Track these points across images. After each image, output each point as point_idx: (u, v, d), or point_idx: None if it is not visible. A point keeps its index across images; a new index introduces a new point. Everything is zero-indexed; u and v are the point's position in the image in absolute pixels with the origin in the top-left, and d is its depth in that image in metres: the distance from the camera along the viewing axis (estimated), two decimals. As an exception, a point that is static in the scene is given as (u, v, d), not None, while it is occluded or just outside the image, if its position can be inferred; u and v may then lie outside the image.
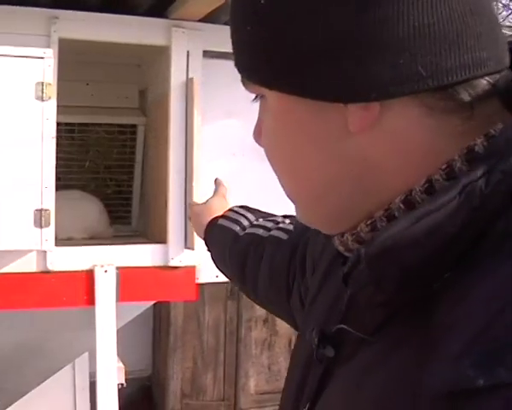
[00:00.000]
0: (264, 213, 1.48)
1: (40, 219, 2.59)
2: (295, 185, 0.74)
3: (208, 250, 1.53)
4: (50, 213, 2.62)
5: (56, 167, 2.75)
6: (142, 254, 3.00)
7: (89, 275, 2.86)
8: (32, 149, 2.58)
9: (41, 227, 2.59)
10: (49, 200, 2.62)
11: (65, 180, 3.58)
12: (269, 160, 0.76)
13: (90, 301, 2.83)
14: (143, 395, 5.13)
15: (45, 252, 2.77)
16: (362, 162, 0.66)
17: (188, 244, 3.02)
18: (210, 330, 5.35)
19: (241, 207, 1.51)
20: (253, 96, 0.76)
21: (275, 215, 1.44)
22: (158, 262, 3.01)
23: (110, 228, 3.57)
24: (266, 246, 1.33)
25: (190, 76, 3.03)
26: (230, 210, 1.50)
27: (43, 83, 2.58)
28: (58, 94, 2.74)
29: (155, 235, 3.31)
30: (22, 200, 2.58)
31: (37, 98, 2.58)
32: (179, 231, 3.04)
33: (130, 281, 2.89)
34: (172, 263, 3.00)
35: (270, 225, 1.39)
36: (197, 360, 5.21)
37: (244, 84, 0.75)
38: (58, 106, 2.74)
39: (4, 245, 2.57)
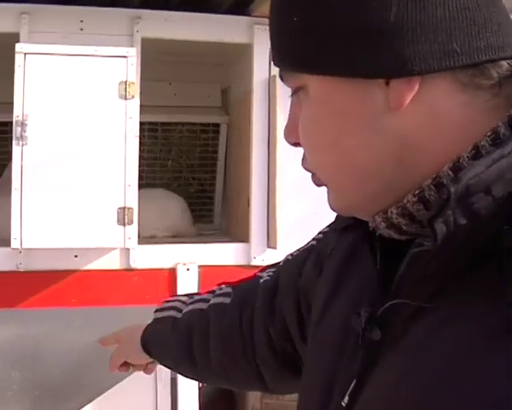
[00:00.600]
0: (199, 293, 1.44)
1: (123, 217, 2.61)
2: (338, 171, 0.76)
3: (150, 355, 1.40)
4: (133, 212, 2.64)
5: (140, 166, 2.77)
6: (224, 253, 3.00)
7: (171, 273, 2.88)
8: (116, 148, 2.61)
9: (124, 225, 2.61)
10: (132, 198, 2.64)
11: (148, 179, 3.63)
12: (309, 152, 0.79)
13: (173, 299, 2.83)
14: (223, 393, 5.12)
15: (128, 250, 2.80)
16: (402, 140, 0.70)
17: (270, 243, 2.99)
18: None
19: (173, 296, 1.46)
20: None
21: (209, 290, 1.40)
22: (240, 261, 3.00)
23: (193, 226, 3.59)
24: (210, 316, 1.29)
25: (273, 74, 3.00)
26: (163, 302, 1.43)
27: (126, 82, 2.61)
28: (141, 94, 2.76)
29: (238, 234, 3.30)
30: (105, 198, 2.61)
31: (121, 97, 2.61)
32: (262, 230, 3.02)
33: (211, 279, 2.88)
34: (255, 262, 2.98)
35: (206, 296, 1.36)
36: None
37: (283, 78, 0.82)
38: (141, 105, 2.76)
39: (88, 243, 2.61)
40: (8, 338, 2.69)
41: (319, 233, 1.15)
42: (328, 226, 1.12)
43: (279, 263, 1.27)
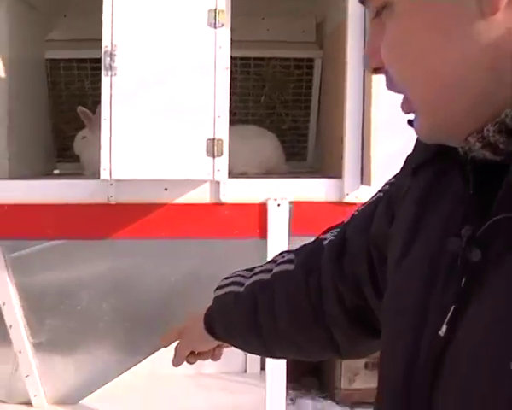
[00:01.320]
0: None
1: (213, 148, 2.57)
2: (429, 86, 0.73)
3: (215, 337, 1.35)
4: (223, 143, 2.59)
5: (232, 102, 2.72)
6: (316, 189, 2.92)
7: (261, 208, 2.83)
8: (205, 78, 2.56)
9: (213, 157, 2.58)
10: (222, 130, 2.60)
11: (241, 115, 3.60)
12: (396, 71, 0.76)
13: (262, 233, 2.80)
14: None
15: (218, 184, 2.76)
16: (495, 49, 0.67)
17: (364, 180, 2.90)
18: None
19: (233, 272, 1.37)
20: None
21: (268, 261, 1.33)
22: (332, 197, 2.91)
23: (285, 164, 3.54)
24: (274, 285, 1.24)
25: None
26: (222, 279, 1.36)
27: (215, 10, 2.55)
28: (234, 29, 2.70)
29: (331, 171, 3.23)
30: (195, 129, 2.57)
31: (210, 25, 2.55)
32: (356, 167, 2.93)
33: (303, 215, 2.83)
34: (347, 199, 2.89)
35: (268, 266, 1.29)
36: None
37: (364, 0, 0.79)
38: (233, 40, 2.70)
39: (176, 174, 2.59)
40: (99, 270, 2.73)
41: (385, 184, 1.10)
42: (393, 177, 1.06)
43: (343, 222, 1.22)
